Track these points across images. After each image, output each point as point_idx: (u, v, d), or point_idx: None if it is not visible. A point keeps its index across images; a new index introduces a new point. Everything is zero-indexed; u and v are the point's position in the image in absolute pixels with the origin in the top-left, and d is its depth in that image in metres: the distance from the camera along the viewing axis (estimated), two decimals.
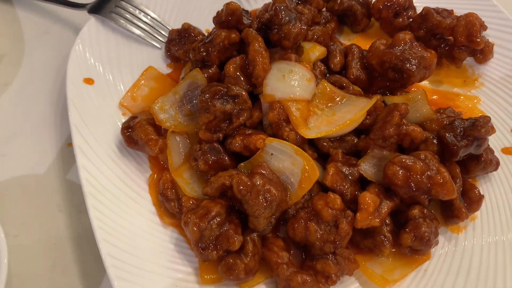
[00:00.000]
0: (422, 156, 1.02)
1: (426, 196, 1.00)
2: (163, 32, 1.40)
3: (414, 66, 1.17)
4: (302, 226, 0.99)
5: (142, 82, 1.27)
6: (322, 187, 1.08)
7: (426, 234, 0.99)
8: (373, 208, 0.97)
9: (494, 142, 1.23)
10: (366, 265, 1.03)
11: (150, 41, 1.38)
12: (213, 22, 1.23)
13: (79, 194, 1.19)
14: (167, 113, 1.14)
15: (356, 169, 1.07)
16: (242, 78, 1.14)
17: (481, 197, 1.09)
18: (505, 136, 1.24)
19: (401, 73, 1.18)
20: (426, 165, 1.00)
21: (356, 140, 1.11)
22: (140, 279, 0.96)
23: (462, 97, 1.33)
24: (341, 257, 1.00)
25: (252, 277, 0.99)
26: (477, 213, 1.12)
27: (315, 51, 1.24)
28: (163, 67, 1.36)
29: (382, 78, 1.24)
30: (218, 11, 1.22)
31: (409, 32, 1.22)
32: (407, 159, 1.00)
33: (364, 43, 1.35)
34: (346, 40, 1.47)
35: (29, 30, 1.51)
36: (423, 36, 1.34)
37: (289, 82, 1.09)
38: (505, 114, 1.27)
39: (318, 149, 1.12)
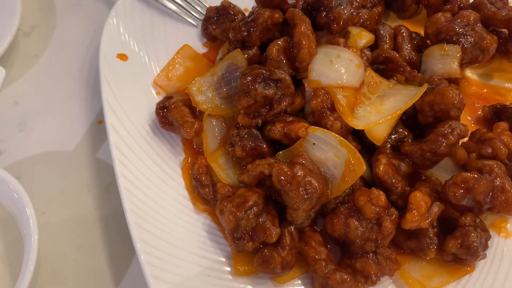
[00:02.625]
0: (487, 169, 0.94)
1: (486, 211, 0.95)
2: (199, 9, 1.34)
3: (469, 44, 1.13)
4: (342, 222, 0.94)
5: (177, 61, 1.22)
6: (364, 182, 1.03)
7: (475, 244, 0.92)
8: (425, 209, 0.91)
9: None
10: (404, 268, 0.97)
11: (186, 18, 1.32)
12: (255, 0, 1.16)
13: (108, 174, 1.16)
14: (204, 94, 1.08)
15: (405, 163, 1.01)
16: (285, 62, 1.08)
17: None
18: None
19: None
20: (491, 183, 0.92)
21: (407, 133, 1.05)
22: (172, 266, 0.92)
23: None
24: (382, 256, 0.95)
25: (289, 271, 0.95)
26: None
27: (363, 38, 1.17)
28: (199, 46, 1.30)
29: None
30: None
31: (475, 12, 1.17)
32: (471, 179, 0.92)
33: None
34: (392, 24, 1.38)
35: (61, 1, 1.46)
36: None
37: (337, 68, 1.03)
38: None
39: (362, 141, 1.06)
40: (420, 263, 0.99)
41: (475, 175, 0.92)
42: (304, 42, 1.04)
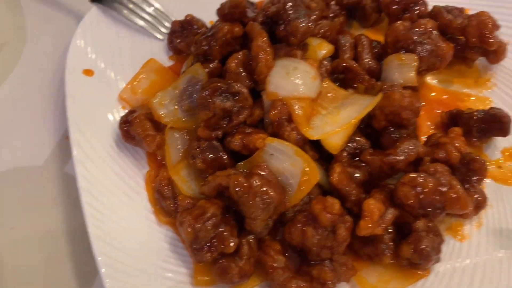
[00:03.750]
0: (432, 170, 0.97)
1: (440, 211, 0.97)
2: (166, 24, 1.36)
3: (425, 52, 1.15)
4: (299, 230, 0.96)
5: (143, 74, 1.24)
6: (322, 191, 1.05)
7: (427, 249, 0.94)
8: (378, 216, 0.93)
9: (504, 145, 1.18)
10: (361, 273, 1.00)
11: (152, 32, 1.34)
12: (217, 14, 1.19)
13: (76, 188, 1.17)
14: (166, 108, 1.11)
15: (360, 171, 1.04)
16: (244, 74, 1.10)
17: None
18: None
19: None
20: (437, 180, 0.95)
21: (364, 141, 1.08)
22: (133, 279, 0.94)
23: (473, 98, 1.28)
24: (338, 263, 0.97)
25: (247, 281, 0.97)
26: (483, 219, 1.08)
27: (323, 49, 1.19)
28: (165, 60, 1.33)
29: None
30: (222, 3, 1.17)
31: (433, 20, 1.19)
32: (417, 178, 0.95)
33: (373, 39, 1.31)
34: (355, 33, 1.41)
35: (31, 18, 1.49)
36: None
37: (293, 80, 1.05)
38: None
39: (320, 150, 1.08)
40: (377, 268, 1.01)
41: (422, 174, 0.96)
42: (261, 56, 1.06)
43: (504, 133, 1.14)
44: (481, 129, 1.15)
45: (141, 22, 1.34)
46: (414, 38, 1.18)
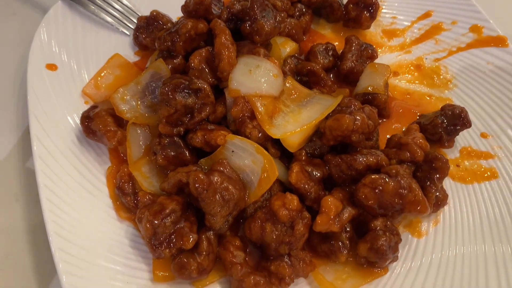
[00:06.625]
0: (393, 172, 0.98)
1: (399, 213, 0.99)
2: (133, 19, 1.36)
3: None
4: (259, 226, 0.97)
5: (107, 70, 1.23)
6: (284, 187, 1.06)
7: (383, 247, 0.96)
8: (334, 213, 0.95)
9: (463, 144, 1.22)
10: (319, 270, 1.01)
11: (119, 27, 1.33)
12: (181, 11, 1.18)
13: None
14: (128, 103, 1.10)
15: (319, 169, 1.05)
16: (207, 71, 1.10)
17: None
18: (474, 140, 1.22)
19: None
20: (398, 183, 0.96)
21: (319, 143, 1.08)
22: (91, 275, 0.94)
23: (434, 98, 1.31)
24: (296, 259, 0.98)
25: (206, 276, 0.98)
26: (440, 217, 1.11)
27: (287, 47, 1.21)
28: (131, 55, 1.32)
29: None
30: (187, 0, 1.17)
31: None
32: (379, 179, 0.96)
33: (339, 34, 1.36)
34: (322, 31, 1.43)
35: None
36: None
37: (256, 78, 1.06)
38: (476, 118, 1.25)
39: (282, 148, 1.09)
40: (335, 265, 1.02)
41: (383, 176, 0.97)
42: (224, 53, 1.06)
43: (468, 124, 1.17)
44: (448, 131, 1.18)
45: (108, 18, 1.33)
46: None
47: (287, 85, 1.11)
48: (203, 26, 1.14)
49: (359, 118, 1.02)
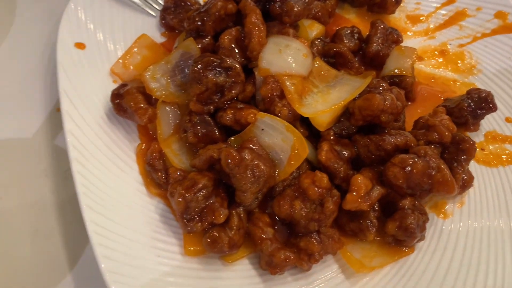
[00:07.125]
0: (422, 152, 0.98)
1: (427, 193, 0.99)
2: (159, 0, 1.36)
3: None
4: (288, 203, 0.98)
5: (135, 49, 1.24)
6: (312, 167, 1.07)
7: (412, 225, 0.97)
8: (364, 191, 0.95)
9: (488, 128, 1.23)
10: (347, 248, 1.02)
11: (145, 8, 1.34)
12: None
13: (66, 160, 1.17)
14: (158, 82, 1.11)
15: (348, 149, 1.06)
16: (237, 51, 1.11)
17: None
18: (499, 124, 1.23)
19: None
20: (427, 163, 0.97)
21: (347, 124, 1.09)
22: (123, 247, 0.95)
23: (458, 83, 1.32)
24: (325, 236, 0.99)
25: (236, 251, 0.99)
26: (466, 198, 1.12)
27: (314, 29, 1.21)
28: (157, 36, 1.33)
29: None
30: None
31: None
32: (408, 159, 0.97)
33: (363, 19, 1.37)
34: (347, 15, 1.44)
35: None
36: None
37: (285, 57, 1.07)
38: (501, 103, 1.26)
39: (310, 127, 1.10)
40: (362, 244, 1.03)
41: (412, 156, 0.98)
42: (254, 32, 1.07)
43: (494, 108, 1.17)
44: (474, 115, 1.18)
45: None
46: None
47: (316, 65, 1.12)
48: (232, 7, 1.15)
49: (388, 98, 1.02)
